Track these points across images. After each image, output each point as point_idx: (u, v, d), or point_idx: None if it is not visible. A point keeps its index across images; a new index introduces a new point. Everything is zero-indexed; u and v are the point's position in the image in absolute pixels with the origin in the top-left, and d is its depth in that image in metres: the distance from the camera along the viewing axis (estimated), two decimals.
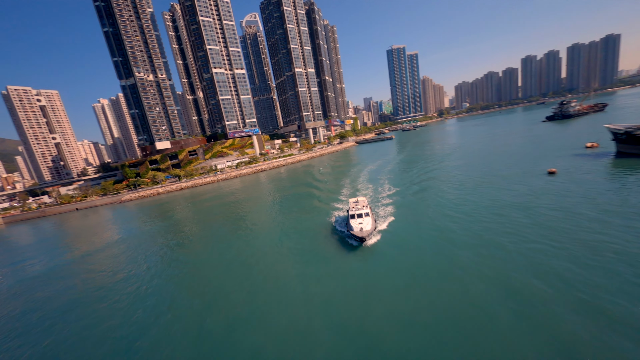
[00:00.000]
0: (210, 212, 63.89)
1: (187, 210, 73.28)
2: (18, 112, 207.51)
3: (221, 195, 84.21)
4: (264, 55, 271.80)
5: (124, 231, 60.82)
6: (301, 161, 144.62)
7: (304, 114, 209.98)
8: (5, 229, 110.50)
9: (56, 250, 56.56)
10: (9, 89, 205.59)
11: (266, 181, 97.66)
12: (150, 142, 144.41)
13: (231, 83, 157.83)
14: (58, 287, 35.06)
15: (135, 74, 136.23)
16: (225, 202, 72.42)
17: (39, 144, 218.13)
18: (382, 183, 56.80)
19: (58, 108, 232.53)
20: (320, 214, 43.61)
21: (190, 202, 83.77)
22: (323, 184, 69.68)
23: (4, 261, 55.89)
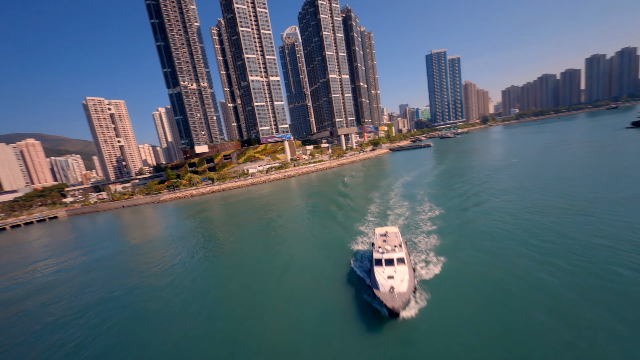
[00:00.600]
0: (227, 219, 58.78)
1: (213, 213, 72.44)
2: (93, 118, 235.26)
3: (246, 200, 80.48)
4: (301, 64, 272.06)
5: (163, 227, 64.20)
6: (331, 168, 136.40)
7: (337, 120, 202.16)
8: (68, 220, 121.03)
9: (113, 239, 60.82)
10: (88, 100, 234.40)
11: (293, 188, 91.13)
12: (191, 146, 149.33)
13: (266, 90, 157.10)
14: (118, 268, 39.52)
15: (181, 83, 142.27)
16: (246, 208, 67.17)
17: (107, 146, 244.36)
18: (421, 200, 45.38)
19: (124, 115, 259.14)
20: (340, 238, 34.25)
21: (217, 205, 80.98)
22: (349, 197, 59.95)
23: (73, 246, 60.74)
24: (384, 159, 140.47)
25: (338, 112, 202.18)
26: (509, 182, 48.30)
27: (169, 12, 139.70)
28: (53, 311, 28.17)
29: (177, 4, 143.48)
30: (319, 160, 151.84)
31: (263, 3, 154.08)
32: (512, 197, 39.07)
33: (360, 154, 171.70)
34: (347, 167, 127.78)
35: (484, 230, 29.45)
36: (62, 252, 55.82)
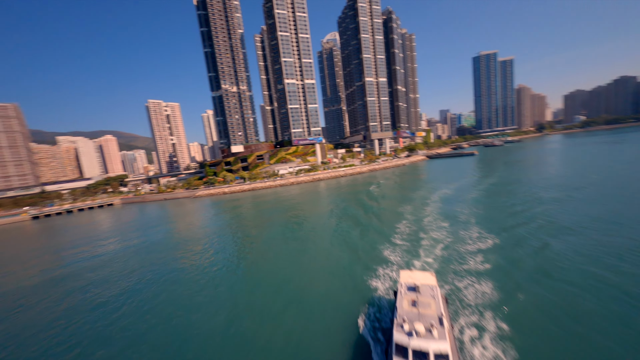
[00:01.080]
0: (252, 220, 55.07)
1: (241, 211, 73.08)
2: (152, 119, 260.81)
3: (272, 201, 77.98)
4: (338, 68, 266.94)
5: (198, 221, 66.52)
6: (362, 173, 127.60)
7: (371, 124, 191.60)
8: (121, 207, 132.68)
9: (155, 228, 64.39)
10: (149, 102, 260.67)
11: (320, 193, 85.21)
12: (228, 146, 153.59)
13: (301, 93, 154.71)
14: (157, 255, 41.02)
15: (222, 86, 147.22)
16: (271, 209, 63.22)
17: (162, 143, 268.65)
18: (465, 222, 35.52)
19: (177, 116, 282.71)
20: (358, 265, 26.84)
21: (246, 204, 79.14)
22: (376, 209, 51.64)
23: (121, 232, 65.30)
24: (420, 167, 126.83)
25: (372, 116, 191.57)
26: (593, 207, 35.56)
27: (216, 21, 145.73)
28: (100, 289, 30.59)
29: (223, 13, 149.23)
30: (350, 165, 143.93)
31: (303, 7, 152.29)
32: (606, 229, 27.45)
33: (394, 160, 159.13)
34: (379, 174, 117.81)
35: (576, 282, 19.56)
36: (112, 236, 60.92)
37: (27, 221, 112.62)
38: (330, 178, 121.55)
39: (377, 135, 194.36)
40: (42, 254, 52.32)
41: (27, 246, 64.20)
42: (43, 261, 46.65)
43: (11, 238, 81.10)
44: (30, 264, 45.63)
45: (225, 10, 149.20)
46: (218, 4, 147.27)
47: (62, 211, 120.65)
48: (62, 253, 51.05)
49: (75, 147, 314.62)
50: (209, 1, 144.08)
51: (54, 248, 57.33)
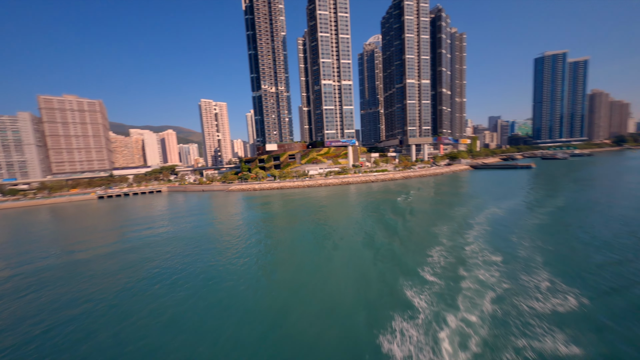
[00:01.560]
0: (278, 217, 51.51)
1: (269, 208, 71.99)
2: (203, 116, 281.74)
3: (299, 201, 75.11)
4: (378, 70, 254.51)
5: (230, 213, 69.01)
6: (394, 179, 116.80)
7: (409, 129, 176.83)
8: (167, 194, 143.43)
9: (194, 215, 68.95)
10: (202, 101, 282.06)
11: (347, 197, 78.56)
12: (263, 144, 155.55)
13: (337, 94, 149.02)
14: (194, 242, 43.53)
15: (262, 86, 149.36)
16: (296, 208, 58.97)
17: (209, 138, 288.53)
18: (528, 261, 25.73)
19: (224, 115, 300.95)
20: (362, 313, 20.00)
21: (274, 201, 77.03)
22: (406, 226, 43.32)
23: (171, 215, 72.09)
24: (462, 178, 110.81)
25: (411, 120, 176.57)
26: None
27: (261, 24, 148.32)
28: (144, 265, 33.07)
29: (268, 17, 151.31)
30: (383, 170, 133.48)
31: (345, 8, 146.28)
32: None
33: (432, 167, 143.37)
34: (414, 182, 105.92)
35: None
36: (160, 219, 66.20)
37: (94, 200, 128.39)
38: (361, 182, 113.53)
39: (415, 141, 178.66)
40: (108, 229, 59.55)
41: (96, 222, 72.48)
42: (109, 235, 52.99)
43: (83, 213, 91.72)
44: (99, 236, 52.98)
45: (270, 14, 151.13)
46: (264, 8, 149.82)
47: (121, 193, 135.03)
48: (123, 229, 57.48)
49: (142, 139, 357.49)
50: (255, 6, 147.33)
51: (116, 224, 64.73)
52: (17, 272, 34.30)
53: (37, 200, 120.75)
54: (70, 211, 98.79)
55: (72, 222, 74.84)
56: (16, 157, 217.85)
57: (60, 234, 59.61)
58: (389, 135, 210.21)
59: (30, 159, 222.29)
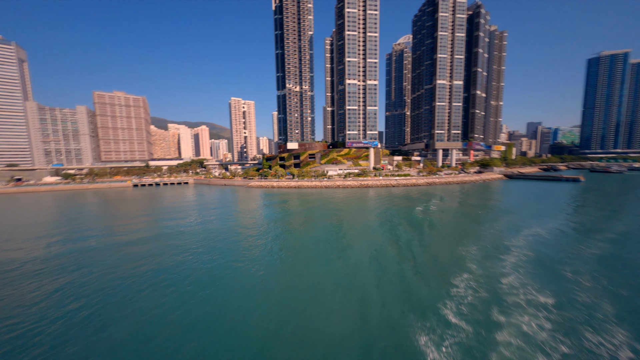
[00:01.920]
0: (294, 215, 48.73)
1: (286, 206, 69.50)
2: (232, 113, 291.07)
3: (315, 201, 72.31)
4: (407, 70, 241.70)
5: (250, 208, 70.13)
6: (417, 185, 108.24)
7: (436, 132, 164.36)
8: (194, 186, 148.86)
9: (218, 208, 69.18)
10: (232, 99, 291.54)
11: (365, 201, 73.35)
12: (285, 142, 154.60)
13: (361, 94, 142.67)
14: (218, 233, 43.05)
15: (287, 85, 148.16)
16: (312, 209, 55.48)
17: (237, 135, 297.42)
18: (592, 308, 19.12)
19: (251, 113, 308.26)
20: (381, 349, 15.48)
21: (291, 199, 74.42)
22: (426, 242, 37.46)
23: (196, 206, 74.09)
24: (494, 187, 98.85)
25: (440, 123, 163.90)
26: None
27: (289, 24, 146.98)
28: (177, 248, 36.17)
29: (297, 16, 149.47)
30: (405, 174, 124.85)
31: (375, 5, 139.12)
32: None
33: (460, 174, 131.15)
34: (439, 188, 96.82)
35: None
36: (186, 210, 68.80)
37: (129, 187, 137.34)
38: (380, 186, 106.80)
39: (443, 145, 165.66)
40: (143, 215, 64.24)
41: (132, 207, 77.70)
42: (144, 221, 56.71)
43: (121, 198, 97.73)
44: (136, 221, 56.78)
45: (298, 13, 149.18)
46: (293, 7, 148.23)
47: (152, 183, 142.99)
48: (157, 217, 61.23)
49: (178, 133, 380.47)
50: (285, 5, 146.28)
51: (150, 212, 68.89)
52: (70, 248, 37.08)
53: (83, 185, 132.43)
54: (110, 196, 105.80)
55: (113, 207, 79.22)
56: (73, 145, 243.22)
57: (105, 216, 64.09)
58: (415, 139, 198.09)
59: (85, 147, 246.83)
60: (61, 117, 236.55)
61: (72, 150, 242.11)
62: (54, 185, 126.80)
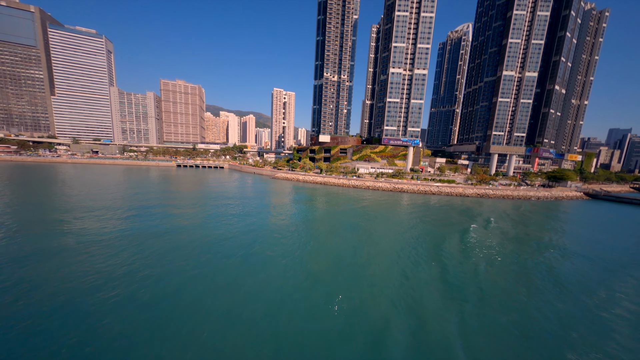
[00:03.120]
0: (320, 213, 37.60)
1: (312, 203, 57.86)
2: (273, 104, 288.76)
3: (342, 201, 58.48)
4: (462, 61, 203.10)
5: (279, 200, 66.85)
6: (463, 195, 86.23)
7: (493, 133, 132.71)
8: (228, 171, 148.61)
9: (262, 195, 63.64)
10: (274, 90, 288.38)
11: (394, 209, 57.51)
12: (317, 134, 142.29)
13: (405, 84, 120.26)
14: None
15: (324, 74, 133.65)
16: (336, 211, 43.18)
17: (276, 125, 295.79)
18: None
19: (291, 104, 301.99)
20: None
21: (317, 196, 63.00)
22: (475, 290, 21.37)
23: (230, 193, 64.94)
24: (572, 210, 71.38)
25: (499, 123, 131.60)
26: None
27: (333, 6, 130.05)
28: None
29: None
30: (449, 180, 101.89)
31: None
32: None
33: (521, 187, 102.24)
34: (491, 203, 74.18)
35: None
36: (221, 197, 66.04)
37: (173, 167, 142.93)
38: (417, 192, 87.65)
39: (500, 149, 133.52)
40: (191, 197, 63.20)
41: (180, 187, 78.22)
42: (193, 203, 55.91)
43: (167, 177, 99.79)
44: (186, 202, 56.25)
45: None
46: None
47: (193, 165, 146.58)
48: (202, 199, 60.07)
49: (227, 120, 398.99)
50: None
51: (195, 194, 67.52)
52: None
53: (138, 161, 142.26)
54: (155, 174, 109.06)
55: (156, 186, 78.62)
56: (143, 126, 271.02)
57: (159, 192, 66.15)
58: (464, 139, 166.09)
59: (151, 128, 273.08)
60: (135, 101, 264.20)
61: (142, 130, 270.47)
62: (116, 160, 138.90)
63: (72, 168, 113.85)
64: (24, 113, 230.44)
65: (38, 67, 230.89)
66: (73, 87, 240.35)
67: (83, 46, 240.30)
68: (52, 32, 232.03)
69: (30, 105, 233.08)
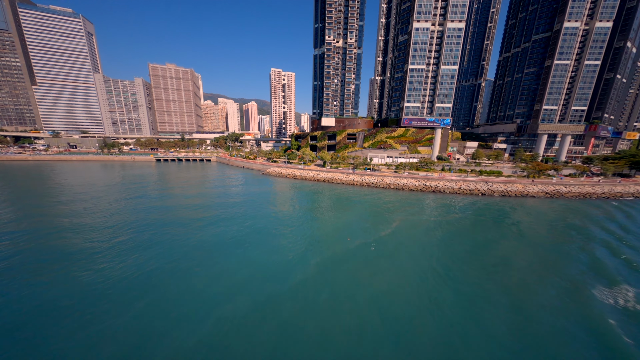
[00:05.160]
0: None
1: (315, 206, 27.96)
2: (272, 86, 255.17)
3: (337, 206, 31.67)
4: (492, 23, 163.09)
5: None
6: (524, 195, 58.58)
7: (544, 108, 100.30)
8: (215, 166, 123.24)
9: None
10: (272, 70, 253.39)
11: (437, 232, 30.91)
12: (319, 117, 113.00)
13: (434, 46, 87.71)
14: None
15: (326, 38, 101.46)
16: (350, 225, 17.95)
17: (276, 110, 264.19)
18: None
19: (292, 86, 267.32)
20: None
21: (309, 198, 37.06)
22: None
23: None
24: None
25: (553, 94, 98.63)
26: None
27: None
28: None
29: None
30: (493, 172, 73.10)
31: None
32: None
33: (600, 181, 72.67)
34: (574, 207, 46.50)
35: None
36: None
37: (152, 162, 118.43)
38: (458, 192, 60.12)
39: (551, 128, 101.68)
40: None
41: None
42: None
43: (130, 177, 75.29)
44: None
45: None
46: None
47: (175, 159, 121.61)
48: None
49: (226, 107, 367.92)
50: None
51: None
52: None
53: (110, 156, 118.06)
54: (120, 172, 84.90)
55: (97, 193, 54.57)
56: (134, 116, 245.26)
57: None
58: (495, 118, 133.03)
59: (143, 118, 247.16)
60: (122, 89, 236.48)
61: (133, 121, 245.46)
62: (85, 155, 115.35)
63: (32, 167, 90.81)
64: (5, 106, 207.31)
65: (13, 53, 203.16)
66: (54, 75, 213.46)
67: (59, 28, 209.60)
68: (22, 12, 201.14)
69: (12, 97, 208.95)
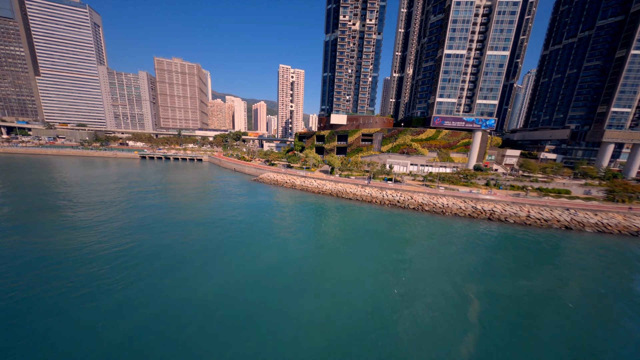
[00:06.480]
0: None
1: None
2: (279, 83, 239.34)
3: (348, 239, 22.21)
4: (530, 15, 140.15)
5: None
6: (632, 231, 37.42)
7: (612, 110, 77.96)
8: (208, 165, 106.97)
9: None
10: (280, 67, 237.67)
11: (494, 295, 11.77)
12: (328, 114, 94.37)
13: (478, 25, 67.55)
14: None
15: (341, 18, 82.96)
16: None
17: (283, 109, 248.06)
18: None
19: (300, 84, 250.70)
20: None
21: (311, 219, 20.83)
22: None
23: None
24: None
25: (626, 93, 76.34)
26: None
27: None
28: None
29: None
30: (560, 192, 52.10)
31: None
32: None
33: None
34: None
35: None
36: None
37: (137, 158, 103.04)
38: (527, 223, 39.88)
39: (621, 136, 78.82)
40: None
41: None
42: None
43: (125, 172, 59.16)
44: None
45: None
46: None
47: (162, 156, 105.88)
48: None
49: (233, 106, 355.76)
50: None
51: None
52: None
53: (90, 152, 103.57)
54: (90, 171, 69.31)
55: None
56: (137, 110, 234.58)
57: None
58: (542, 122, 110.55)
59: (146, 113, 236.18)
60: (126, 82, 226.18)
61: (136, 115, 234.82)
62: (62, 149, 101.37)
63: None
64: (8, 96, 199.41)
65: (18, 42, 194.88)
66: (58, 65, 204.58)
67: (65, 18, 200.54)
68: (29, 1, 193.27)
69: (14, 87, 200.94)
